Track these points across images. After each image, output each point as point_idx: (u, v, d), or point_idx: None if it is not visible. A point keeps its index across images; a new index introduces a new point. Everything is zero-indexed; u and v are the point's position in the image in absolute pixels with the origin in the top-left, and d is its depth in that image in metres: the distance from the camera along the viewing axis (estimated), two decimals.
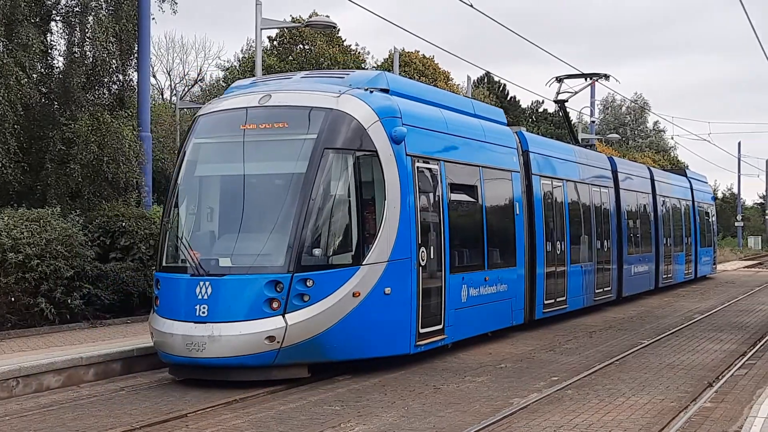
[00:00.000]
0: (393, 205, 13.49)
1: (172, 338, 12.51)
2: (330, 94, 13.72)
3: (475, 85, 63.29)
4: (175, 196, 13.86)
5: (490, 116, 19.02)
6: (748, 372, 13.74)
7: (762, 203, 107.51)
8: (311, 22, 22.86)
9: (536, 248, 19.22)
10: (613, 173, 25.89)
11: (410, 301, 13.85)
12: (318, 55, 36.57)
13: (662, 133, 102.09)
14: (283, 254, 12.59)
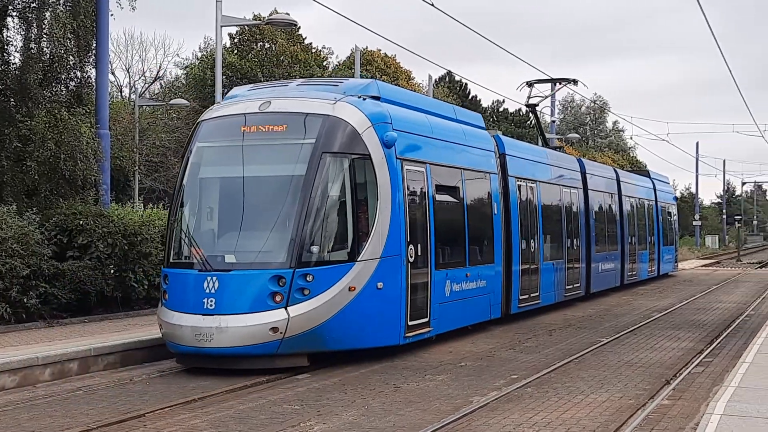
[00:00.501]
0: (385, 206, 14.40)
1: (181, 329, 13.35)
2: (326, 101, 14.58)
3: (437, 84, 63.38)
4: (181, 197, 14.73)
5: (470, 121, 19.96)
6: (705, 370, 13.88)
7: (719, 203, 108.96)
8: (272, 19, 22.75)
9: (512, 246, 20.14)
10: (582, 174, 26.99)
11: (400, 296, 14.77)
12: (279, 53, 36.40)
13: (621, 133, 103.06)
14: (286, 251, 13.48)
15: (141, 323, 16.82)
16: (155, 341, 14.68)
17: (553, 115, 46.56)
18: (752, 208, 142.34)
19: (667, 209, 39.97)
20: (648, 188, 36.68)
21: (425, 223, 15.80)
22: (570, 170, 26.16)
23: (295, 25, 22.83)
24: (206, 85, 34.99)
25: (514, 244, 20.21)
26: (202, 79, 36.28)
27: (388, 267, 14.43)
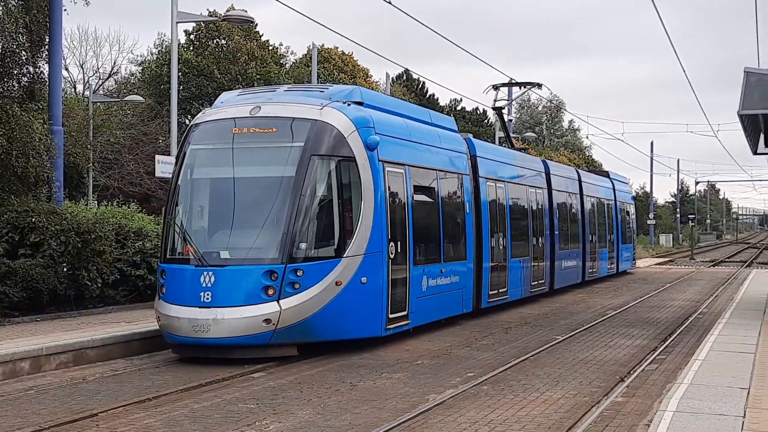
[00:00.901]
0: (368, 205, 15.35)
1: (179, 321, 14.13)
2: (314, 106, 15.48)
3: (394, 82, 63.42)
4: (176, 197, 15.51)
5: (444, 124, 21.00)
6: (658, 367, 14.01)
7: (673, 202, 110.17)
8: (228, 16, 22.61)
9: (483, 244, 21.08)
10: (547, 175, 28.07)
11: (382, 290, 15.71)
12: (235, 50, 36.19)
13: (577, 132, 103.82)
14: (277, 248, 14.34)
15: (94, 322, 16.63)
16: (108, 340, 14.57)
17: (510, 114, 46.81)
18: (705, 208, 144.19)
19: (625, 209, 40.99)
20: (608, 188, 37.75)
21: (404, 221, 16.70)
22: (535, 171, 27.23)
23: (251, 21, 22.71)
24: (162, 82, 34.70)
25: (484, 242, 21.13)
26: (157, 75, 35.98)
27: (371, 263, 15.34)
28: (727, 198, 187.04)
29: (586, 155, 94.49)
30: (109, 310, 18.66)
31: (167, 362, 14.37)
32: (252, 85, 35.47)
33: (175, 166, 16.25)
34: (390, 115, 17.65)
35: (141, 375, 13.21)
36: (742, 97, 16.31)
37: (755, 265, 50.57)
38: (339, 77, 42.40)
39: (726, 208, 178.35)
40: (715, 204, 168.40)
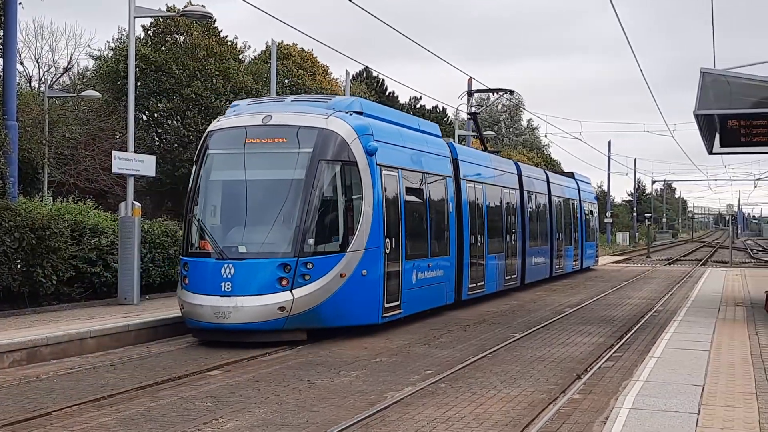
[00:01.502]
0: (368, 205, 16.98)
1: (202, 308, 15.62)
2: (320, 115, 17.10)
3: (354, 79, 63.35)
4: (196, 197, 17.00)
5: (430, 130, 22.70)
6: (614, 364, 14.12)
7: (630, 201, 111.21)
8: (187, 11, 22.42)
9: (463, 241, 22.72)
10: (519, 177, 29.84)
11: (379, 282, 17.30)
12: (194, 45, 35.91)
13: (536, 131, 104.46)
14: (290, 243, 15.93)
15: (49, 319, 16.41)
16: (63, 338, 14.40)
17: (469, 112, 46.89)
18: (662, 206, 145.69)
19: (589, 208, 43.06)
20: (573, 189, 39.60)
21: (397, 220, 18.30)
22: (509, 173, 28.94)
23: (210, 17, 22.53)
24: (119, 77, 34.35)
25: (464, 239, 22.79)
26: (114, 71, 35.63)
27: (371, 257, 17.01)
28: (683, 197, 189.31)
29: (544, 154, 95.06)
30: (65, 308, 18.44)
31: (123, 361, 14.22)
32: (211, 81, 35.29)
33: (194, 168, 17.52)
34: (385, 123, 19.29)
35: (96, 373, 13.06)
36: (698, 97, 16.47)
37: (710, 264, 51.22)
38: (298, 74, 42.27)
39: (682, 207, 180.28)
40: (671, 203, 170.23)
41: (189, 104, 34.91)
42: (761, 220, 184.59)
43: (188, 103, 34.91)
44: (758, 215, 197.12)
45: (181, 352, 15.17)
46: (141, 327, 16.35)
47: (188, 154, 34.32)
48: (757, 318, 18.71)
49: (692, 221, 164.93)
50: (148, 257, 21.51)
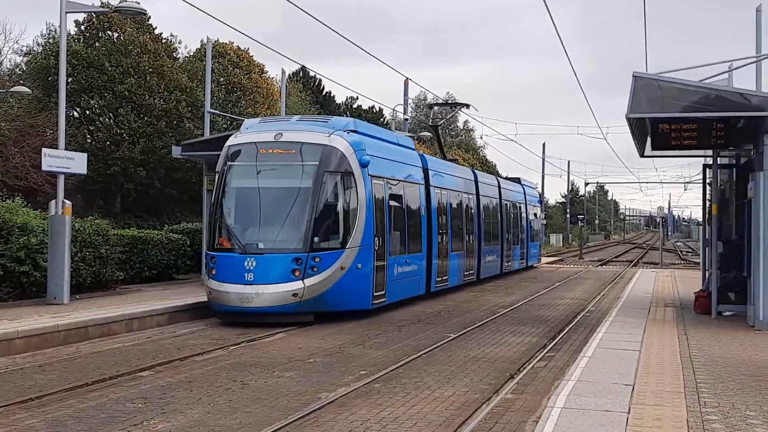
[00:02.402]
0: (362, 208, 20.06)
1: (228, 295, 18.66)
2: (323, 134, 20.13)
3: (291, 79, 63.06)
4: (222, 200, 19.91)
5: (406, 144, 26.26)
6: (547, 364, 14.24)
7: (564, 202, 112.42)
8: (120, 8, 22.08)
9: (432, 240, 25.80)
10: (475, 183, 33.28)
11: (370, 274, 20.44)
12: (127, 42, 35.39)
13: (471, 133, 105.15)
14: (302, 240, 19.01)
15: None
16: None
17: (406, 113, 47.04)
18: (594, 208, 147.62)
19: (534, 211, 46.73)
20: (520, 193, 43.19)
21: (383, 221, 21.34)
22: (467, 179, 32.24)
23: (144, 14, 22.24)
24: (50, 74, 33.68)
25: (433, 239, 25.91)
26: (45, 67, 34.91)
27: (364, 253, 20.13)
28: (615, 199, 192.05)
29: (480, 155, 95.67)
30: None
31: (51, 361, 13.96)
32: (145, 79, 34.82)
33: (216, 177, 20.42)
34: (373, 139, 22.42)
35: (24, 374, 12.79)
36: (631, 101, 16.68)
37: (641, 265, 51.99)
38: (234, 72, 41.90)
39: (614, 209, 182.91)
40: (603, 205, 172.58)
41: (122, 102, 34.37)
42: (691, 222, 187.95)
43: (121, 100, 34.36)
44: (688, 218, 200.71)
45: (112, 353, 14.94)
46: (71, 327, 16.08)
47: (121, 152, 33.81)
48: (686, 318, 19.04)
49: (624, 223, 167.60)
50: (79, 256, 21.16)
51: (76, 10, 21.98)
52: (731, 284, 19.93)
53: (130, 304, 19.39)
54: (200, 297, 21.18)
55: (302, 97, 61.79)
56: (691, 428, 8.73)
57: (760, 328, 16.95)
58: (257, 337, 16.90)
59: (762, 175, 17.08)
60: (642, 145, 21.84)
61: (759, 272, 17.11)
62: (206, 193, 26.08)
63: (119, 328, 17.35)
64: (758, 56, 18.48)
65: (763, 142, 17.04)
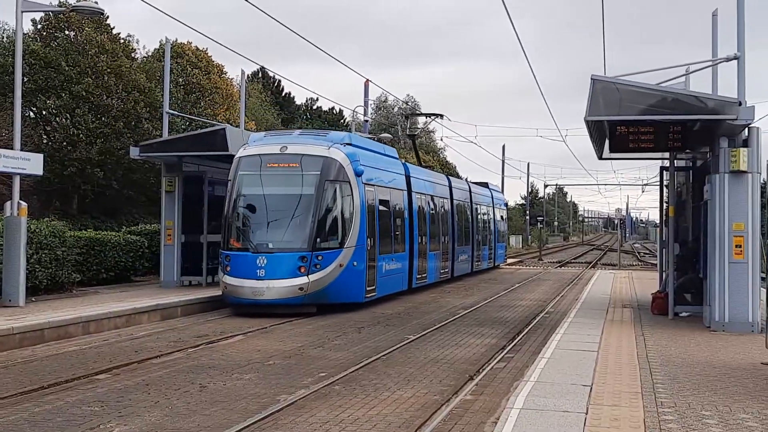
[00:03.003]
0: (357, 213, 22.60)
1: (242, 289, 21.12)
2: (323, 146, 22.56)
3: (250, 79, 62.82)
4: (233, 206, 22.30)
5: (391, 154, 29.04)
6: (506, 365, 14.29)
7: (523, 204, 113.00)
8: (78, 7, 21.85)
9: (414, 241, 28.45)
10: (449, 188, 36.09)
11: (363, 271, 23.02)
12: (85, 42, 35.04)
13: (432, 135, 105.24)
14: (307, 240, 21.48)
15: None
16: None
17: (366, 115, 47.04)
18: (554, 210, 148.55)
19: (501, 214, 50.15)
20: (488, 197, 46.12)
21: (374, 224, 23.93)
22: (442, 185, 35.16)
23: (102, 13, 22.06)
24: (6, 73, 33.26)
25: (414, 240, 28.52)
26: (0, 66, 34.50)
27: (358, 252, 22.67)
28: (574, 201, 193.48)
29: (440, 157, 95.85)
30: None
31: (6, 365, 13.78)
32: (102, 79, 34.49)
33: (228, 186, 22.66)
34: (365, 150, 25.15)
35: None
36: (589, 103, 16.79)
37: (599, 266, 52.40)
38: (192, 73, 41.66)
39: (573, 211, 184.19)
40: (562, 206, 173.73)
41: (79, 102, 34.00)
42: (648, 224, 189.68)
43: (78, 100, 33.99)
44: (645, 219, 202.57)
45: (68, 356, 14.77)
46: (26, 330, 15.90)
47: (77, 153, 33.46)
48: (644, 319, 19.21)
49: (583, 224, 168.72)
50: (35, 258, 20.92)
51: (33, 9, 21.75)
52: (688, 285, 20.16)
53: (87, 307, 19.20)
54: (159, 299, 21.08)
55: (262, 98, 61.60)
56: (647, 428, 8.79)
57: (716, 328, 17.14)
58: (216, 340, 16.80)
59: (718, 177, 17.28)
60: (600, 147, 22.00)
61: (715, 274, 17.31)
62: (165, 194, 25.93)
63: (76, 330, 17.18)
64: (714, 60, 18.67)
65: (719, 145, 17.25)
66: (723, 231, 17.21)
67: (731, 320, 17.09)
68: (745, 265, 17.11)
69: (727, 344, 15.27)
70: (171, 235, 25.82)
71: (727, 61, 17.64)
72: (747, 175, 17.14)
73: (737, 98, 16.57)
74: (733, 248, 17.16)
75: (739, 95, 16.72)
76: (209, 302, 22.48)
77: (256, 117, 51.96)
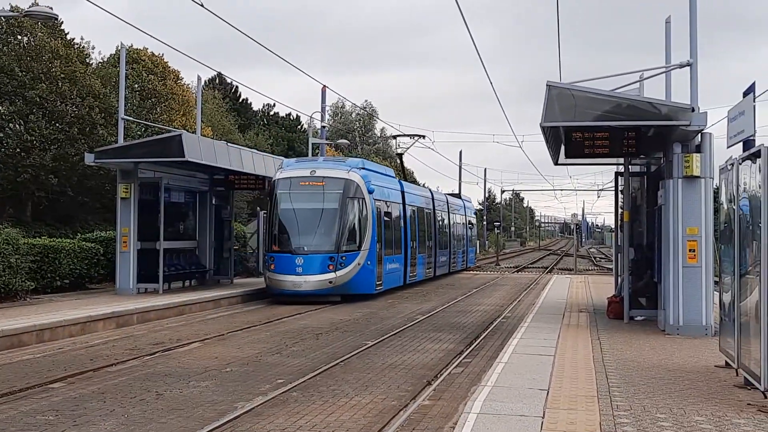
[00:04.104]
0: (370, 222, 28.64)
1: (284, 282, 26.77)
2: (343, 170, 28.65)
3: (207, 85, 62.49)
4: (274, 217, 27.98)
5: (389, 174, 36.04)
6: (464, 370, 14.34)
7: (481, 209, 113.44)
8: (31, 12, 21.64)
9: (407, 245, 34.92)
10: (432, 200, 42.49)
11: (374, 268, 29.20)
12: (38, 47, 34.64)
13: (389, 140, 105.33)
14: (334, 244, 27.28)
15: None
16: None
17: (323, 120, 47.03)
18: (510, 215, 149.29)
19: (472, 222, 57.04)
20: (461, 206, 52.19)
21: (381, 232, 30.00)
22: (426, 197, 41.64)
23: (55, 18, 21.83)
24: None
25: (408, 245, 34.96)
26: None
27: (371, 254, 28.80)
28: (530, 206, 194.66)
29: (397, 163, 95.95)
30: None
31: None
32: (56, 84, 34.09)
33: (269, 202, 28.60)
34: (373, 172, 31.56)
35: None
36: (545, 109, 16.90)
37: (556, 271, 52.76)
38: (148, 79, 41.34)
39: (529, 216, 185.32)
40: (519, 212, 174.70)
41: (33, 108, 33.57)
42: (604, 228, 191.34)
43: (32, 106, 33.57)
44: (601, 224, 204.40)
45: (22, 364, 14.60)
46: None
47: (31, 160, 33.02)
48: (600, 323, 19.37)
49: (539, 230, 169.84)
50: None
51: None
52: (643, 290, 20.37)
53: (42, 315, 18.97)
54: (114, 306, 20.90)
55: (218, 104, 61.30)
56: (603, 431, 8.87)
57: (670, 332, 17.33)
58: (172, 347, 16.68)
59: (672, 182, 17.49)
60: (556, 153, 22.17)
61: (669, 278, 17.51)
62: (120, 201, 25.70)
63: (30, 339, 16.96)
64: (668, 66, 18.89)
65: (673, 151, 17.46)
66: (677, 235, 17.42)
67: (685, 324, 17.29)
68: (698, 269, 17.33)
69: (681, 347, 15.45)
70: (127, 242, 25.59)
71: (680, 67, 17.85)
72: (700, 180, 17.37)
73: (690, 104, 16.77)
74: (686, 252, 17.37)
75: (692, 101, 16.93)
76: (166, 309, 22.31)
77: (212, 123, 51.65)
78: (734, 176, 11.26)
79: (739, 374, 11.62)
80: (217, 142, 28.93)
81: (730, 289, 11.66)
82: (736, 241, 11.06)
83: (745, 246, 10.82)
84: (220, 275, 31.48)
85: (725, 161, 11.97)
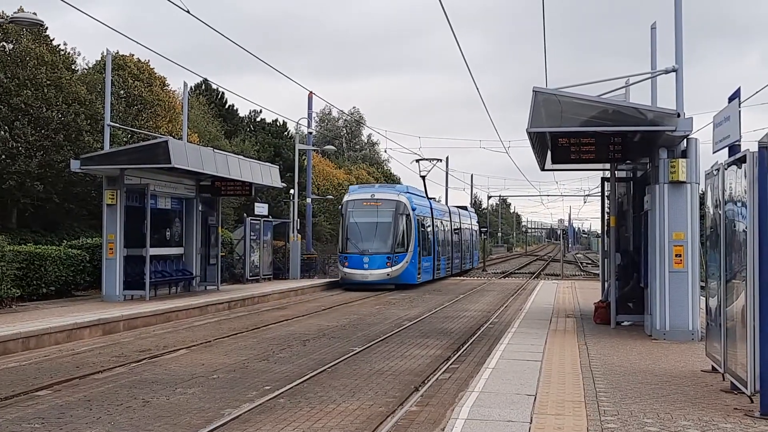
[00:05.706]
0: (412, 232, 39.23)
1: (355, 275, 37.83)
2: (395, 194, 40.19)
3: (193, 92, 62.37)
4: (346, 227, 39.13)
5: (423, 194, 46.01)
6: (451, 376, 14.34)
7: None
8: (16, 18, 21.57)
9: (436, 249, 45.36)
10: (449, 212, 53.03)
11: (416, 266, 40.02)
12: (23, 53, 34.52)
13: (376, 146, 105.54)
14: (390, 247, 38.26)
15: None
16: None
17: (310, 126, 47.09)
18: (497, 221, 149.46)
19: (478, 229, 67.87)
20: (468, 216, 61.95)
21: (419, 239, 40.06)
22: (445, 211, 52.08)
23: (41, 24, 21.78)
24: None
25: (436, 248, 45.42)
26: None
27: (414, 255, 39.28)
28: (517, 212, 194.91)
29: (384, 169, 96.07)
30: None
31: None
32: (42, 91, 33.95)
33: (341, 218, 39.72)
34: (415, 195, 42.49)
35: None
36: (531, 115, 16.94)
37: (543, 277, 52.83)
38: (134, 85, 41.25)
39: (516, 222, 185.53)
40: (506, 217, 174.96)
41: (18, 114, 33.42)
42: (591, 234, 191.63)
43: (17, 113, 33.41)
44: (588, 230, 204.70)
45: (7, 372, 14.52)
46: None
47: (17, 166, 32.89)
48: (587, 329, 19.40)
49: (526, 235, 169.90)
50: None
51: None
52: (629, 295, 20.41)
53: (27, 322, 18.89)
54: (101, 313, 20.82)
55: (205, 111, 61.21)
56: None
57: (657, 337, 17.37)
58: (159, 354, 16.63)
59: (658, 187, 17.54)
60: (543, 158, 22.20)
61: (656, 283, 17.55)
62: (106, 208, 25.61)
63: (15, 346, 16.88)
64: (654, 72, 18.96)
65: (659, 156, 17.51)
66: (663, 240, 17.47)
67: (672, 329, 17.34)
68: (685, 274, 17.38)
69: (668, 352, 15.49)
70: (113, 249, 25.49)
71: (666, 73, 17.92)
72: (686, 186, 17.43)
73: (676, 110, 16.83)
74: (673, 257, 17.42)
75: (678, 107, 16.99)
76: (152, 316, 22.25)
77: (198, 129, 51.56)
78: (720, 181, 11.29)
79: (725, 379, 11.65)
80: (203, 149, 28.86)
81: (716, 294, 11.69)
82: (722, 246, 11.10)
83: (731, 251, 10.86)
84: (206, 282, 31.40)
85: (711, 166, 12.01)
